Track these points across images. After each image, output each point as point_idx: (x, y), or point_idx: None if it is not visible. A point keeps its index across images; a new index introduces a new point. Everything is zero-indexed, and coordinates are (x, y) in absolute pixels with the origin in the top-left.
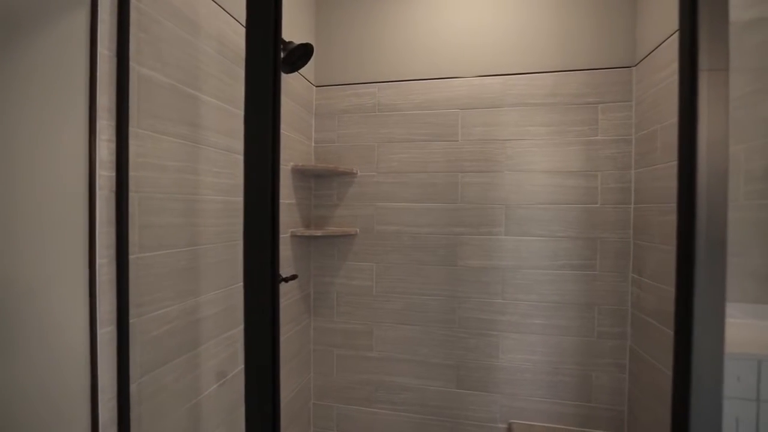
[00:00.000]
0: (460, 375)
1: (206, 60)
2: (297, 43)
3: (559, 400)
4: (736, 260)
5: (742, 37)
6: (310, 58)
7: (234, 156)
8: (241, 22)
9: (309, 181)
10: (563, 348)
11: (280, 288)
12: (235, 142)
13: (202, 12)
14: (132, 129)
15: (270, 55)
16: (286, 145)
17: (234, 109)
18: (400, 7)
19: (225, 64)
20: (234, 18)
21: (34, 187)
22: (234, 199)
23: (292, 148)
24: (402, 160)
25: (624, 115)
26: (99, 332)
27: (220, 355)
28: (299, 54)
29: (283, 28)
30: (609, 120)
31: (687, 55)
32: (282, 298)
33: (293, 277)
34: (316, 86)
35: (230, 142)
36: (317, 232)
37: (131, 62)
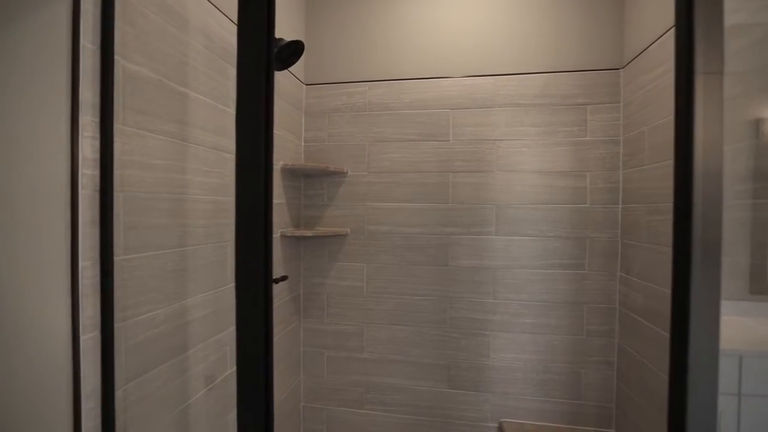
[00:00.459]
0: (452, 375)
1: (194, 55)
2: (287, 40)
3: (549, 398)
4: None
5: (726, 42)
6: (300, 56)
7: (223, 154)
8: (230, 16)
9: (299, 180)
10: (553, 346)
11: None
12: (224, 140)
13: (189, 6)
14: (117, 126)
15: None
16: (276, 144)
17: (223, 107)
18: (391, 5)
19: (213, 59)
20: (222, 13)
21: (12, 186)
22: (223, 199)
23: (281, 147)
24: (393, 160)
25: (612, 117)
26: (82, 338)
27: (209, 359)
28: (290, 51)
29: None
30: (597, 121)
31: (684, 58)
32: None
33: (283, 278)
34: (306, 84)
35: (219, 140)
36: (307, 233)
37: (116, 56)
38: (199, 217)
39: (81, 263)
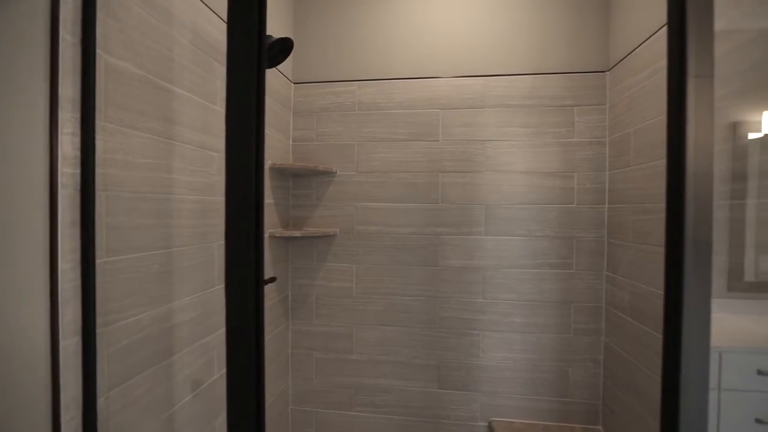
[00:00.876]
0: (441, 375)
1: (180, 51)
2: (276, 38)
3: (538, 397)
4: None
5: None
6: (289, 54)
7: (209, 153)
8: (217, 12)
9: (287, 180)
10: (541, 345)
11: None
12: (211, 139)
13: (175, 0)
14: (99, 122)
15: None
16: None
17: (209, 104)
18: (380, 4)
19: (200, 56)
20: (209, 7)
21: None
22: (209, 199)
23: (269, 146)
24: (382, 160)
25: (598, 118)
26: (62, 344)
27: (196, 363)
28: (278, 49)
29: None
30: (584, 122)
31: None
32: None
33: (272, 280)
34: (294, 83)
35: (205, 139)
36: (296, 233)
37: (98, 50)
38: (185, 218)
39: (61, 266)
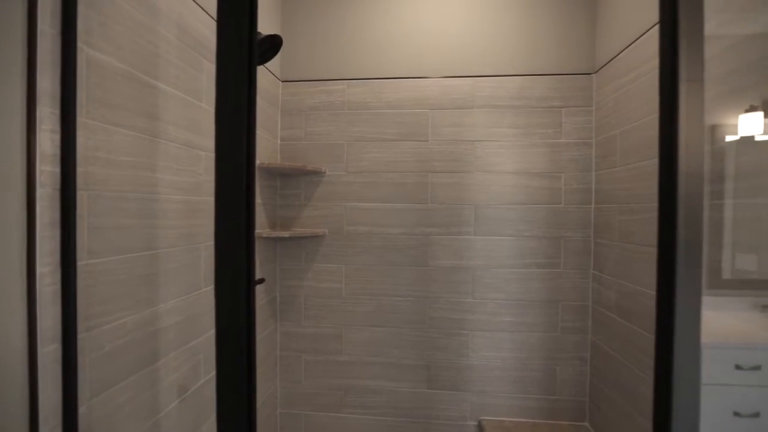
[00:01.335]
0: (431, 375)
1: (165, 46)
2: (264, 34)
3: (527, 395)
4: None
5: None
6: (278, 51)
7: (196, 152)
8: (203, 6)
9: (275, 180)
10: (530, 344)
11: None
12: (197, 137)
13: None
14: (80, 119)
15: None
16: None
17: (196, 101)
18: (370, 3)
19: (186, 51)
20: (196, 3)
21: None
22: (196, 199)
23: (257, 145)
24: (372, 160)
25: (585, 120)
26: (41, 351)
27: (182, 368)
28: (267, 46)
29: None
30: (572, 124)
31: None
32: None
33: (260, 281)
34: (283, 81)
35: (192, 137)
36: (284, 234)
37: (79, 43)
38: (170, 218)
39: (39, 269)
